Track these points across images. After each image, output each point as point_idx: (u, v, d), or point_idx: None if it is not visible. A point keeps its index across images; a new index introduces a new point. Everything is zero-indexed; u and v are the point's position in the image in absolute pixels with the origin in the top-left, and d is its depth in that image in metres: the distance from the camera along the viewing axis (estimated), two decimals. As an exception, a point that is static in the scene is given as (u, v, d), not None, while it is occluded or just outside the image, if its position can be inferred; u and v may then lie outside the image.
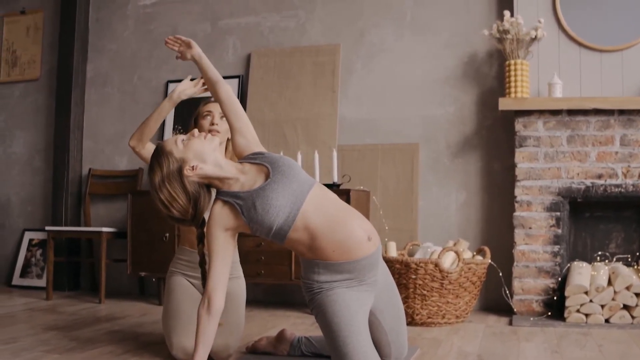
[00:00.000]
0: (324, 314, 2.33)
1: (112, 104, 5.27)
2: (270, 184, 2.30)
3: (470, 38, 4.42)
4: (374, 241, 2.37)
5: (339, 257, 2.31)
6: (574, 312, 3.70)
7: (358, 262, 2.33)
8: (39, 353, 2.91)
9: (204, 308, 2.32)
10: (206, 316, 2.31)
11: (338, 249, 2.30)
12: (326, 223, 2.29)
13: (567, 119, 4.00)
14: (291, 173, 2.33)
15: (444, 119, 4.45)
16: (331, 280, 2.35)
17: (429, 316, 3.71)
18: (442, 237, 4.32)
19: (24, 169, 5.51)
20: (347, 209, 2.39)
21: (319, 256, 2.34)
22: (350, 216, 2.35)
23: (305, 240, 2.32)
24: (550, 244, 3.97)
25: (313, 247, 2.33)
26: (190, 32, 5.05)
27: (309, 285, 2.38)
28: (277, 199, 2.27)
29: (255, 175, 2.36)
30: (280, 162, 2.36)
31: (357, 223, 2.34)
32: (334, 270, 2.33)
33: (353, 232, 2.31)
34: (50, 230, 4.74)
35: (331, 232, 2.29)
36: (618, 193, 3.91)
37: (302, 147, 4.53)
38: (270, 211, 2.27)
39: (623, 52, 4.07)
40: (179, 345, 2.79)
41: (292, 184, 2.30)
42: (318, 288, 2.36)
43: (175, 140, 2.38)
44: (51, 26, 5.45)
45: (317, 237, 2.30)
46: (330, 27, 4.73)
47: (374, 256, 2.37)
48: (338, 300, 2.32)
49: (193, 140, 2.36)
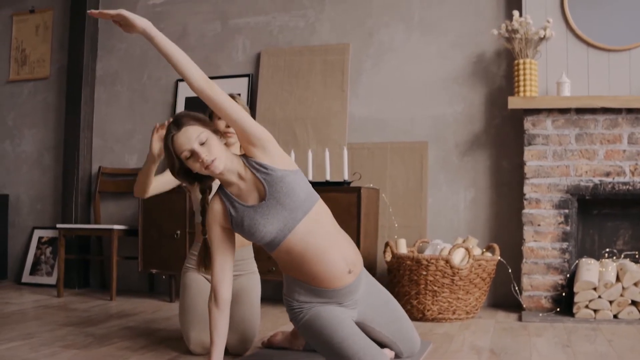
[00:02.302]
0: (311, 331, 2.38)
1: (121, 102, 5.31)
2: (262, 208, 2.30)
3: (478, 38, 4.46)
4: (354, 272, 2.40)
5: (318, 284, 2.37)
6: (582, 307, 3.75)
7: (336, 291, 2.38)
8: (57, 348, 2.95)
9: (212, 302, 2.39)
10: (215, 309, 2.39)
11: (317, 277, 2.35)
12: (308, 253, 2.32)
13: (576, 117, 4.04)
14: (287, 200, 2.29)
15: (452, 118, 4.49)
16: (310, 301, 2.41)
17: (439, 312, 3.75)
18: (451, 234, 4.37)
19: (33, 167, 5.54)
20: (334, 238, 2.38)
21: (298, 277, 2.39)
22: (335, 246, 2.35)
23: (287, 261, 2.38)
24: (558, 241, 4.01)
25: (293, 269, 2.38)
26: (200, 32, 5.09)
27: (290, 303, 2.45)
28: (265, 225, 2.30)
29: (252, 187, 2.33)
30: (279, 187, 2.30)
31: (340, 255, 2.35)
32: (312, 293, 2.40)
33: (334, 265, 2.34)
34: (62, 227, 4.77)
35: (312, 262, 2.33)
36: (626, 191, 3.95)
37: (312, 145, 4.58)
38: (256, 234, 2.32)
39: (631, 51, 4.11)
40: (197, 339, 2.83)
41: (284, 212, 2.29)
42: (298, 307, 2.43)
43: (217, 135, 2.36)
44: (60, 25, 5.49)
45: (297, 263, 2.34)
46: (340, 26, 4.77)
47: (354, 285, 2.42)
48: (321, 314, 2.37)
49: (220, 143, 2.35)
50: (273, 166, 2.31)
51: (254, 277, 3.10)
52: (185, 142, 2.25)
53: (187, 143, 2.24)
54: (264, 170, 2.31)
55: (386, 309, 2.60)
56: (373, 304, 2.55)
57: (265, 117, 4.74)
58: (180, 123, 2.28)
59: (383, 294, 2.63)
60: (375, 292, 2.59)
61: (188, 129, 2.26)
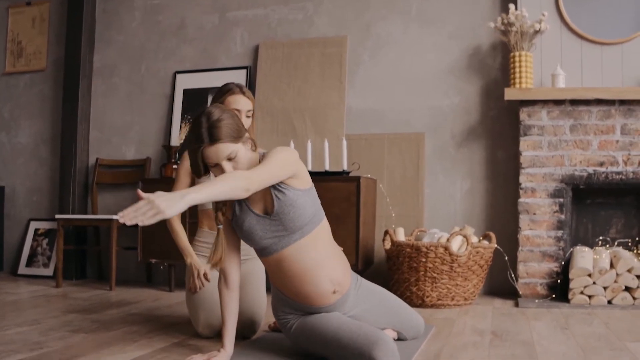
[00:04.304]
0: (303, 335, 2.41)
1: (119, 94, 5.34)
2: (265, 221, 2.34)
3: (474, 31, 4.54)
4: (340, 292, 2.44)
5: (301, 301, 2.42)
6: (578, 293, 3.84)
7: (320, 308, 2.43)
8: (66, 332, 2.99)
9: (222, 283, 2.46)
10: (225, 290, 2.45)
11: (301, 294, 2.39)
12: (296, 273, 2.36)
13: (570, 108, 4.13)
14: (290, 225, 2.32)
15: (449, 109, 4.57)
16: (295, 313, 2.47)
17: (438, 298, 3.82)
18: (447, 223, 4.45)
19: (29, 159, 5.55)
20: (324, 257, 2.39)
21: (283, 290, 2.45)
22: (323, 266, 2.37)
23: (274, 271, 2.42)
24: (554, 229, 4.11)
25: (279, 280, 2.43)
26: (198, 24, 5.13)
27: (277, 314, 2.52)
28: (262, 238, 2.35)
29: (261, 197, 2.35)
30: (287, 210, 2.31)
31: (326, 275, 2.38)
32: (296, 309, 2.45)
33: (319, 287, 2.37)
34: (60, 218, 4.79)
35: (297, 279, 2.37)
36: (619, 180, 4.05)
37: (310, 136, 4.63)
38: (251, 240, 2.39)
39: (623, 45, 4.21)
40: (206, 321, 2.88)
41: (283, 231, 2.33)
42: (284, 318, 2.49)
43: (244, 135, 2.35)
44: (57, 17, 5.50)
45: (283, 275, 2.39)
46: (338, 19, 4.83)
47: (338, 303, 2.45)
48: (307, 318, 2.43)
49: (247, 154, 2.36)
50: (289, 185, 2.33)
51: (260, 262, 3.14)
52: (214, 157, 2.24)
53: (216, 158, 2.25)
54: (278, 187, 2.33)
55: (381, 307, 2.63)
56: (366, 308, 2.58)
57: (263, 108, 4.79)
58: (215, 137, 2.22)
59: (376, 294, 2.65)
60: (367, 297, 2.60)
61: (220, 147, 2.23)
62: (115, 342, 2.79)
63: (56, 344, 2.72)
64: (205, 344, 2.76)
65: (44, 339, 2.83)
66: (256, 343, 2.76)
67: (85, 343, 2.76)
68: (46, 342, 2.75)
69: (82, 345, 2.72)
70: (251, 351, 2.57)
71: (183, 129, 4.90)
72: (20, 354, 2.52)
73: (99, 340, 2.81)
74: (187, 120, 4.96)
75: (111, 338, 2.88)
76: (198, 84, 5.06)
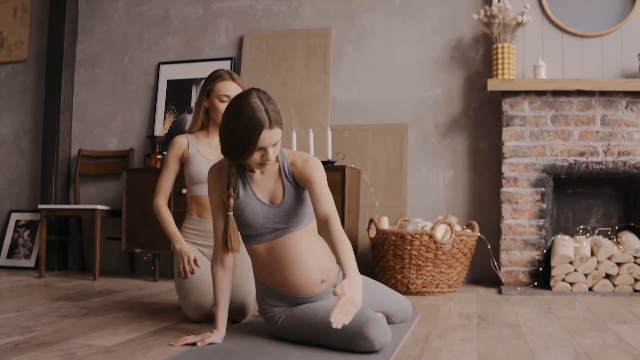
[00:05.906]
0: (291, 326, 2.41)
1: (102, 85, 5.32)
2: (268, 210, 2.38)
3: (457, 23, 4.60)
4: (327, 281, 2.46)
5: (288, 291, 2.44)
6: (559, 281, 3.91)
7: (305, 298, 2.45)
8: (55, 318, 2.98)
9: (218, 265, 2.46)
10: (222, 271, 2.46)
11: (288, 283, 2.41)
12: (286, 262, 2.38)
13: (552, 99, 4.20)
14: (292, 219, 2.37)
15: (432, 101, 4.62)
16: (281, 306, 2.48)
17: (423, 285, 3.87)
18: (431, 213, 4.50)
19: (10, 150, 5.51)
20: (313, 247, 2.43)
21: (268, 283, 2.46)
22: (313, 257, 2.40)
23: (262, 261, 2.44)
24: (535, 218, 4.18)
25: (265, 270, 2.44)
26: (183, 15, 5.13)
27: (262, 308, 2.52)
28: (262, 226, 2.38)
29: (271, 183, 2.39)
30: (294, 205, 2.37)
31: (316, 266, 2.40)
32: (282, 299, 2.46)
33: (308, 276, 2.39)
34: (43, 208, 4.77)
35: (288, 270, 2.39)
36: (599, 170, 4.13)
37: (295, 126, 4.66)
38: (248, 226, 2.40)
39: (603, 37, 4.30)
40: (196, 305, 2.89)
41: (282, 224, 2.37)
42: (270, 312, 2.49)
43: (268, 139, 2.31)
44: (39, 7, 5.47)
45: (273, 266, 2.41)
46: (322, 11, 4.86)
47: (325, 292, 2.47)
48: (294, 309, 2.44)
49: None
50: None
51: (249, 248, 3.16)
52: (269, 141, 2.23)
53: (270, 142, 2.24)
54: (291, 180, 2.38)
55: (368, 292, 2.63)
56: None
57: (248, 99, 4.80)
58: (274, 121, 2.23)
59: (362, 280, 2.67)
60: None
61: (277, 132, 2.25)
62: (106, 326, 2.80)
63: (46, 328, 2.71)
64: (196, 328, 2.77)
65: (33, 323, 2.82)
66: (247, 326, 2.79)
67: (76, 327, 2.76)
68: (36, 327, 2.74)
69: (72, 328, 2.72)
70: (242, 333, 2.59)
71: (167, 119, 4.90)
72: (12, 337, 2.52)
73: (90, 325, 2.81)
74: (171, 110, 4.96)
75: (101, 322, 2.88)
76: (182, 74, 5.06)
